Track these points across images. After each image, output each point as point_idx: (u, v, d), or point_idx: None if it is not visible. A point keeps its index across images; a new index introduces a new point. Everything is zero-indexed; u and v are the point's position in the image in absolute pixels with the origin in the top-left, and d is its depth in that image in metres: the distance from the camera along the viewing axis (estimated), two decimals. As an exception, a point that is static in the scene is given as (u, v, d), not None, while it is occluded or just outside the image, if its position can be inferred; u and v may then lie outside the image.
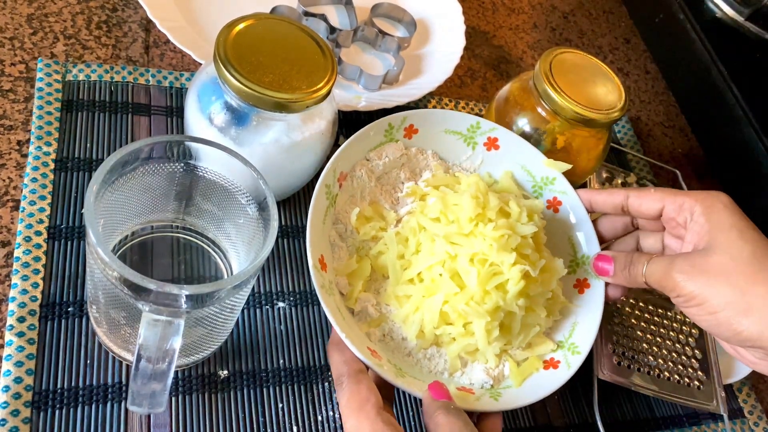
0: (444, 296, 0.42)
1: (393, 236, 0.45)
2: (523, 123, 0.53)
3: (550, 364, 0.44)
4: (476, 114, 0.64)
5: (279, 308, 0.45)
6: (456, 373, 0.43)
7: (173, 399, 0.39)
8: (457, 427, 0.34)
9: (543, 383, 0.42)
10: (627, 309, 0.53)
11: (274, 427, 0.41)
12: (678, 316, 0.55)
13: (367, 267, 0.44)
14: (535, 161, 0.51)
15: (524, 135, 0.53)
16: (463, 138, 0.52)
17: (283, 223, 0.49)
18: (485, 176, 0.52)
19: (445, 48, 0.64)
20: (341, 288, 0.44)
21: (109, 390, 0.38)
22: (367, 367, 0.38)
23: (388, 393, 0.39)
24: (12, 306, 0.39)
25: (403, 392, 0.45)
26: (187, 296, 0.31)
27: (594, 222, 0.49)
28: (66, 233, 0.43)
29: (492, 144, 0.52)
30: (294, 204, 0.50)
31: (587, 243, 0.49)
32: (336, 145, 0.47)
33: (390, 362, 0.41)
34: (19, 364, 0.37)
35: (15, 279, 0.40)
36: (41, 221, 0.42)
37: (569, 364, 0.43)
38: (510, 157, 0.52)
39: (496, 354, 0.43)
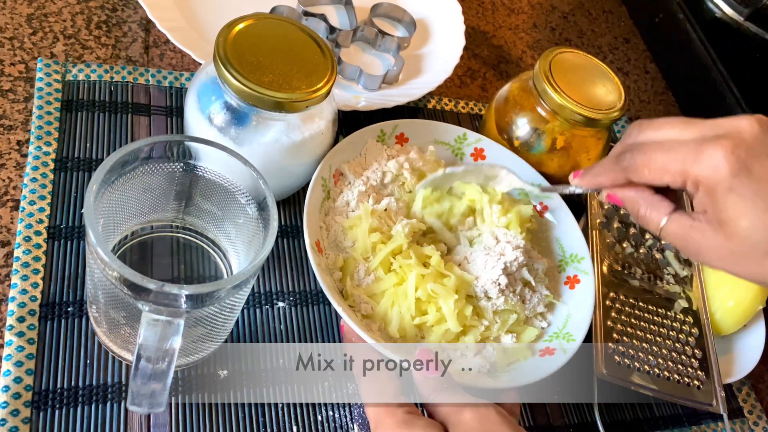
0: (415, 278, 0.43)
1: (368, 210, 0.46)
2: (523, 123, 0.53)
3: (546, 351, 0.45)
4: (476, 114, 0.64)
5: (279, 308, 0.45)
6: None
7: (173, 399, 0.39)
8: (492, 419, 0.34)
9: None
10: (627, 309, 0.53)
11: (274, 427, 0.41)
12: (678, 316, 0.55)
13: (353, 263, 0.46)
14: (520, 169, 0.53)
15: (524, 135, 0.53)
16: (452, 149, 0.54)
17: (282, 222, 0.49)
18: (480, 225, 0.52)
19: (444, 48, 0.64)
20: (335, 277, 0.45)
21: (109, 390, 0.38)
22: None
23: (408, 387, 0.39)
24: (12, 306, 0.39)
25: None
26: (187, 296, 0.31)
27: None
28: (66, 233, 0.43)
29: (479, 154, 0.54)
30: (294, 204, 0.50)
31: (573, 243, 0.51)
32: (335, 145, 0.48)
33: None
34: (18, 364, 0.37)
35: (15, 279, 0.40)
36: (41, 221, 0.42)
37: (565, 350, 0.44)
38: None
39: (476, 340, 0.44)
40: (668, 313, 0.55)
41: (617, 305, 0.53)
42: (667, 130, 0.35)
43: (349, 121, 0.56)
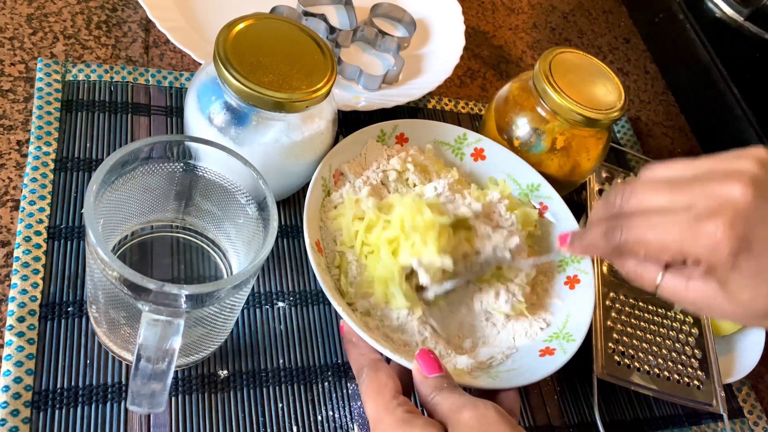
0: (387, 247, 0.43)
1: (352, 199, 0.46)
2: (523, 123, 0.53)
3: (546, 351, 0.45)
4: (476, 114, 0.64)
5: (279, 308, 0.45)
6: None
7: (173, 399, 0.39)
8: (491, 419, 0.33)
9: (541, 367, 0.43)
10: (627, 309, 0.53)
11: (274, 427, 0.41)
12: (678, 316, 0.55)
13: (345, 259, 0.45)
14: (520, 169, 0.53)
15: (524, 135, 0.53)
16: (452, 149, 0.54)
17: (282, 222, 0.49)
18: (474, 188, 0.52)
19: (444, 48, 0.64)
20: (335, 276, 0.45)
21: (109, 390, 0.38)
22: (388, 361, 0.39)
23: (407, 385, 0.39)
24: (12, 306, 0.39)
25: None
26: (187, 296, 0.31)
27: None
28: (66, 233, 0.43)
29: (479, 154, 0.54)
30: (293, 204, 0.50)
31: None
32: (335, 146, 0.48)
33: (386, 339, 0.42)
34: (18, 364, 0.37)
35: (15, 279, 0.40)
36: (41, 221, 0.42)
37: (565, 351, 0.44)
38: (496, 167, 0.54)
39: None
40: (668, 313, 0.55)
41: (617, 305, 0.53)
42: (652, 196, 0.33)
43: (349, 121, 0.56)
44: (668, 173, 0.34)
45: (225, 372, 0.41)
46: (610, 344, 0.50)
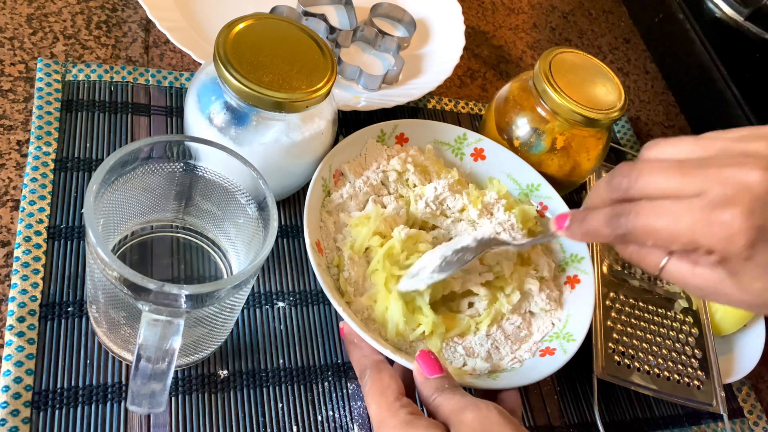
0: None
1: (380, 213, 0.46)
2: (523, 123, 0.53)
3: (546, 351, 0.45)
4: (476, 114, 0.64)
5: (279, 308, 0.45)
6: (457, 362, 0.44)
7: (173, 399, 0.39)
8: (493, 420, 0.33)
9: (541, 367, 0.43)
10: (627, 309, 0.53)
11: (274, 427, 0.41)
12: (678, 316, 0.55)
13: (343, 258, 0.45)
14: (520, 169, 0.53)
15: (524, 135, 0.53)
16: (452, 149, 0.54)
17: (282, 222, 0.49)
18: (472, 188, 0.51)
19: (444, 48, 0.64)
20: (334, 276, 0.45)
21: (109, 390, 0.38)
22: (391, 362, 0.39)
23: (411, 386, 0.39)
24: (12, 306, 0.39)
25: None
26: (186, 296, 0.31)
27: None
28: (66, 233, 0.43)
29: (479, 154, 0.54)
30: (293, 204, 0.50)
31: (573, 243, 0.51)
32: (335, 146, 0.48)
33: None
34: (18, 364, 0.37)
35: (15, 279, 0.40)
36: (41, 221, 0.42)
37: (565, 350, 0.44)
38: (496, 167, 0.54)
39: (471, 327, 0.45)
40: (668, 313, 0.55)
41: (617, 305, 0.53)
42: (661, 179, 0.31)
43: (349, 121, 0.56)
44: (676, 152, 0.32)
45: (225, 372, 0.41)
46: (610, 344, 0.50)
